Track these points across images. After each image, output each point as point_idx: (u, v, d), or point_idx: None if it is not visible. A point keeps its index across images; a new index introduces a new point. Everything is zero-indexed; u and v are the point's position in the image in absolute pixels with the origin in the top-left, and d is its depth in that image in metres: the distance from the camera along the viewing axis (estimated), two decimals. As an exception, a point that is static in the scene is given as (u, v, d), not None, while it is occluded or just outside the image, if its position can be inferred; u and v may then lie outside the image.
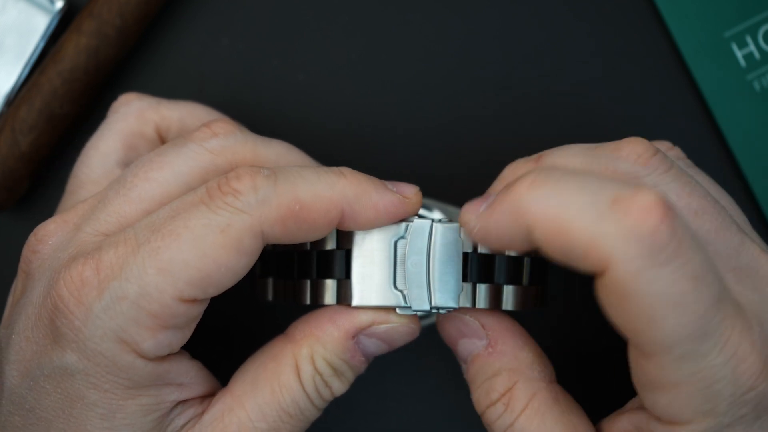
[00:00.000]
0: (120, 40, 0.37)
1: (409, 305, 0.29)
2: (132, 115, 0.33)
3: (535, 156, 0.30)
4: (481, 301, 0.30)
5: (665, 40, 0.39)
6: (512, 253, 0.30)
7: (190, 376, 0.29)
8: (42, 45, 0.38)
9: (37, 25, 0.38)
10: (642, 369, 0.26)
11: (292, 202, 0.27)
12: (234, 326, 0.38)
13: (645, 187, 0.24)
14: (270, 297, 0.32)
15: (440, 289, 0.29)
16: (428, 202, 0.37)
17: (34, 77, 0.37)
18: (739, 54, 0.38)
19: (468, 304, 0.30)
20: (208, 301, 0.28)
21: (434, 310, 0.29)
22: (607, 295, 0.24)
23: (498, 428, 0.29)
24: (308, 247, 0.30)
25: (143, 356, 0.27)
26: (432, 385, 0.38)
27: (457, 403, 0.38)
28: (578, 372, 0.30)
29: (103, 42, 0.37)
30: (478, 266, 0.30)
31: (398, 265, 0.29)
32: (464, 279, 0.29)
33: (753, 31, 0.38)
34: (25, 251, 0.30)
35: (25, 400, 0.28)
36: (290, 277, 0.31)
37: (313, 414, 0.30)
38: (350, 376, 0.30)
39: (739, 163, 0.37)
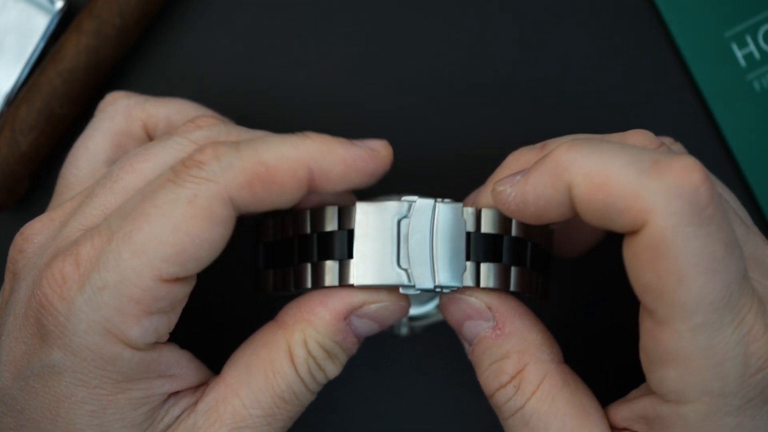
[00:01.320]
0: (120, 40, 0.37)
1: (413, 284, 0.29)
2: (119, 113, 0.33)
3: (539, 144, 0.30)
4: (490, 280, 0.29)
5: (665, 40, 0.39)
6: (519, 234, 0.30)
7: (181, 366, 0.29)
8: (42, 45, 0.38)
9: (37, 25, 0.38)
10: (655, 340, 0.26)
11: (257, 165, 0.27)
12: (223, 315, 0.38)
13: (684, 154, 0.25)
14: (271, 288, 0.32)
15: (443, 267, 0.29)
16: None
17: (34, 77, 0.37)
18: (739, 54, 0.38)
19: (471, 283, 0.29)
20: (192, 283, 0.28)
21: (438, 289, 0.29)
22: (640, 253, 0.25)
23: (507, 411, 0.29)
24: (308, 230, 0.30)
25: (130, 345, 0.27)
26: (430, 385, 0.38)
27: (455, 402, 0.38)
28: (579, 361, 0.30)
29: (103, 42, 0.37)
30: (481, 246, 0.29)
31: (401, 244, 0.29)
32: (467, 258, 0.29)
33: (753, 31, 0.38)
34: (12, 251, 0.30)
35: (16, 401, 0.28)
36: (291, 264, 0.31)
37: (307, 398, 0.30)
38: (343, 358, 0.30)
39: (739, 163, 0.37)
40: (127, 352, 0.27)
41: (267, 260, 0.33)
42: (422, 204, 0.29)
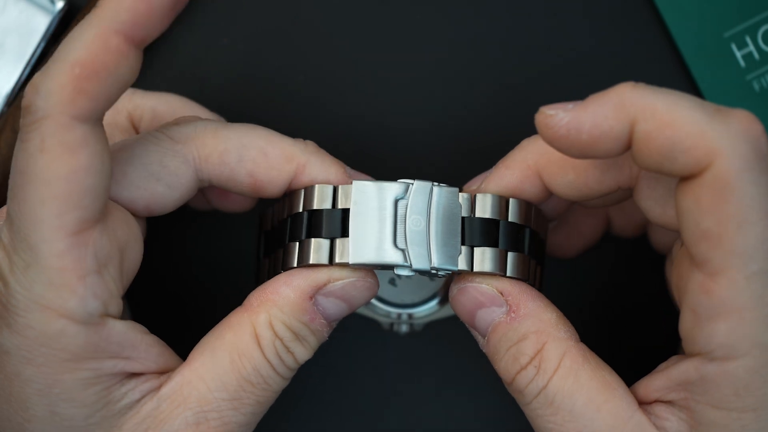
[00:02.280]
0: (120, 40, 0.37)
1: (409, 264, 0.29)
2: None
3: None
4: (485, 264, 0.29)
5: (665, 40, 0.39)
6: (516, 220, 0.30)
7: (138, 349, 0.28)
8: (42, 45, 0.38)
9: (38, 25, 0.38)
10: (708, 293, 0.26)
11: (72, 70, 0.26)
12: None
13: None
14: (266, 276, 0.32)
15: (438, 249, 0.29)
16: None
17: (35, 77, 0.37)
18: (738, 54, 0.38)
19: (465, 267, 0.29)
20: (113, 231, 0.28)
21: (433, 271, 0.29)
22: (701, 196, 0.25)
23: (530, 393, 0.29)
24: (300, 209, 0.30)
25: (74, 319, 0.27)
26: (431, 383, 0.38)
27: (456, 400, 0.38)
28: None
29: (104, 42, 0.37)
30: (476, 230, 0.29)
31: (398, 225, 0.29)
32: (462, 243, 0.29)
33: (753, 32, 0.38)
34: None
35: None
36: (282, 246, 0.31)
37: (278, 383, 0.29)
38: (313, 342, 0.30)
39: (738, 163, 0.37)
40: (72, 327, 0.27)
41: (265, 249, 0.33)
42: (420, 186, 0.29)
